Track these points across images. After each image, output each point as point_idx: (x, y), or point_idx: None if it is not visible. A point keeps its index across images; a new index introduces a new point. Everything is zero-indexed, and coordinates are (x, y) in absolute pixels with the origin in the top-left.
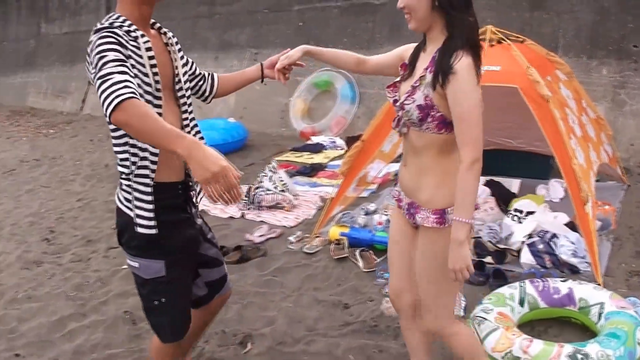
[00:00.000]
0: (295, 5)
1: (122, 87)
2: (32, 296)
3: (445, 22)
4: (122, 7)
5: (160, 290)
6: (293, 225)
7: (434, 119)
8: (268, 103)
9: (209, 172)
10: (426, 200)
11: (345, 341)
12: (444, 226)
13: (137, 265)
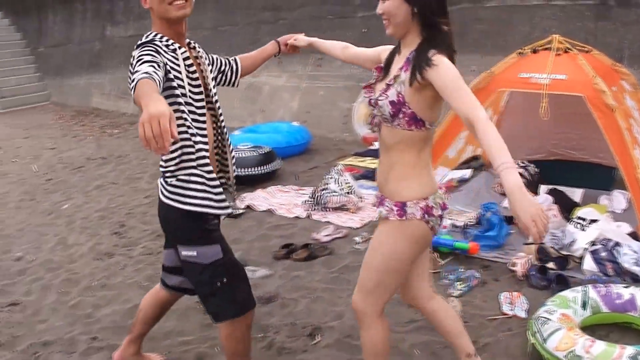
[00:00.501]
0: (359, 12)
1: (140, 74)
2: (106, 285)
3: (422, 28)
4: (157, 26)
5: (220, 272)
6: (358, 226)
7: (405, 115)
8: (331, 108)
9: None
10: (390, 193)
11: (411, 337)
12: (403, 219)
13: (195, 253)
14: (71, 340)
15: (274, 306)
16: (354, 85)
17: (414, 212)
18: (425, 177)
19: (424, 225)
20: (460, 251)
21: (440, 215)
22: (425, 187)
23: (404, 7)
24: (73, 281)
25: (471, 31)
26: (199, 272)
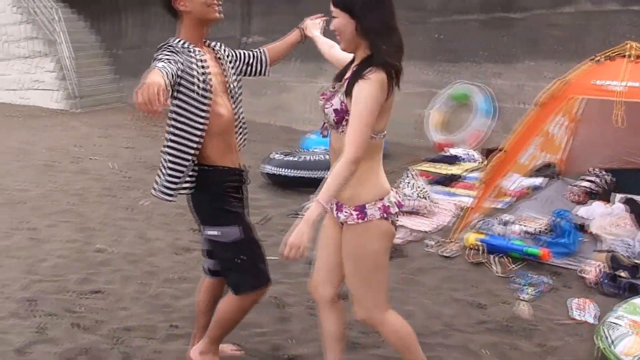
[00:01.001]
0: (433, 17)
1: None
2: (185, 277)
3: (368, 45)
4: (182, 31)
5: (241, 250)
6: (431, 230)
7: (348, 122)
8: (404, 114)
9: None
10: (347, 198)
11: (480, 337)
12: (364, 220)
13: (218, 232)
14: (151, 327)
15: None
16: (428, 92)
17: (374, 212)
18: (378, 181)
19: (385, 222)
20: (531, 257)
21: (397, 212)
22: (380, 189)
23: (350, 25)
24: (153, 273)
25: (546, 37)
26: (223, 249)
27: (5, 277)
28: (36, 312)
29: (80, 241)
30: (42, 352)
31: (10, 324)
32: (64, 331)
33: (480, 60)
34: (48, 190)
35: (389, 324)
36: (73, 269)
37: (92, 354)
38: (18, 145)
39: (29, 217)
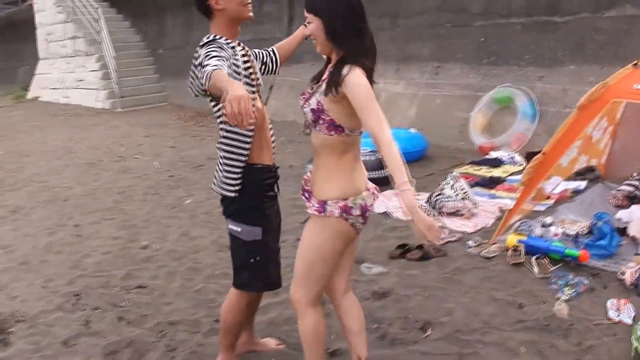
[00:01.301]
0: (477, 20)
1: (212, 66)
2: (228, 274)
3: (334, 46)
4: (216, 29)
5: (256, 251)
6: (472, 231)
7: (324, 121)
8: (448, 117)
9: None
10: (315, 192)
11: (518, 336)
12: (322, 214)
13: (240, 229)
14: (195, 321)
15: (388, 301)
16: (471, 95)
17: (333, 210)
18: (346, 180)
19: (343, 222)
20: (570, 258)
21: (361, 214)
22: (346, 189)
23: (321, 32)
24: (197, 270)
25: (589, 41)
26: (239, 246)
27: (51, 272)
28: (82, 306)
29: (124, 238)
30: (87, 344)
31: (56, 317)
32: (109, 324)
33: (523, 63)
34: (92, 188)
35: (306, 318)
36: (117, 264)
37: (136, 346)
38: (61, 144)
39: (72, 215)
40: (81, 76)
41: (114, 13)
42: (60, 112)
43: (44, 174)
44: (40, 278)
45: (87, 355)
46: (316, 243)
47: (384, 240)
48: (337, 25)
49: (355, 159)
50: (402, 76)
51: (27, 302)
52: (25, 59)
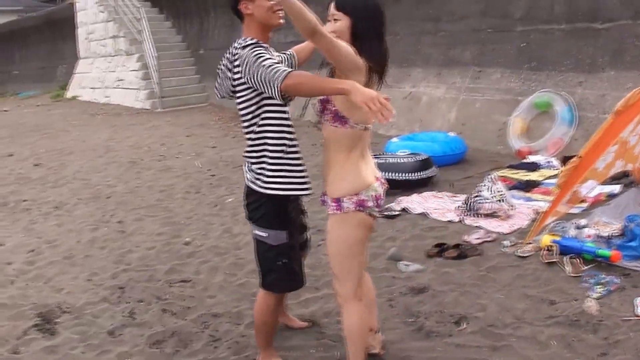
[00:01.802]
0: (519, 26)
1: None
2: None
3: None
4: (249, 33)
5: (283, 253)
6: (507, 232)
7: (330, 112)
8: (487, 120)
9: (367, 95)
10: (329, 191)
11: (549, 330)
12: (341, 212)
13: (266, 234)
14: (238, 313)
15: (425, 296)
16: (512, 99)
17: (349, 206)
18: (355, 176)
19: (360, 214)
20: (602, 259)
21: (375, 204)
22: (356, 184)
23: (347, 27)
24: (239, 265)
25: (630, 48)
26: (266, 250)
27: (96, 265)
28: (126, 299)
29: (167, 234)
30: (132, 334)
31: (102, 309)
32: (153, 316)
33: (563, 69)
34: (134, 186)
35: (349, 312)
36: (161, 259)
37: (180, 336)
38: (102, 143)
39: (115, 211)
40: (121, 76)
41: (156, 13)
42: (100, 112)
43: (86, 171)
44: (85, 272)
45: (133, 345)
46: (341, 238)
47: (421, 240)
48: (363, 26)
49: (361, 154)
50: (443, 80)
51: (73, 294)
52: (64, 57)
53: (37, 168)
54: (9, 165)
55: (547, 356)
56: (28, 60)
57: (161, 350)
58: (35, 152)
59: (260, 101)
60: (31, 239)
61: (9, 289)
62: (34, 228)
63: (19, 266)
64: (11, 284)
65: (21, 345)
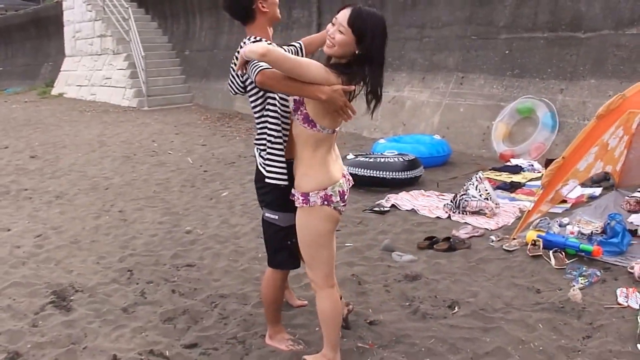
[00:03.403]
0: (503, 33)
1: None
2: None
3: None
4: (255, 31)
5: (292, 234)
6: (494, 228)
7: (301, 113)
8: (471, 125)
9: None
10: (297, 185)
11: (536, 315)
12: (308, 205)
13: (277, 217)
14: (244, 295)
15: (418, 283)
16: (495, 105)
17: (316, 200)
18: (322, 172)
19: (326, 208)
20: (584, 253)
21: (340, 199)
22: (323, 180)
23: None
24: (240, 252)
25: (610, 57)
26: (277, 231)
27: (103, 250)
28: (136, 280)
29: (168, 223)
30: (145, 311)
31: (113, 289)
32: (163, 295)
33: (546, 76)
34: (130, 179)
35: (321, 298)
36: (165, 246)
37: (191, 314)
38: (94, 138)
39: (115, 202)
40: (108, 74)
41: (143, 13)
42: (88, 109)
43: (81, 164)
44: (93, 255)
45: (147, 321)
46: (309, 230)
47: (412, 234)
48: (371, 52)
49: (328, 152)
50: (427, 85)
51: (84, 275)
52: (49, 55)
53: (34, 160)
54: (5, 157)
55: (535, 337)
56: (13, 57)
57: (174, 326)
58: (30, 145)
59: (264, 94)
60: (37, 225)
61: (21, 269)
62: (38, 215)
63: (29, 249)
64: (23, 265)
65: (39, 319)
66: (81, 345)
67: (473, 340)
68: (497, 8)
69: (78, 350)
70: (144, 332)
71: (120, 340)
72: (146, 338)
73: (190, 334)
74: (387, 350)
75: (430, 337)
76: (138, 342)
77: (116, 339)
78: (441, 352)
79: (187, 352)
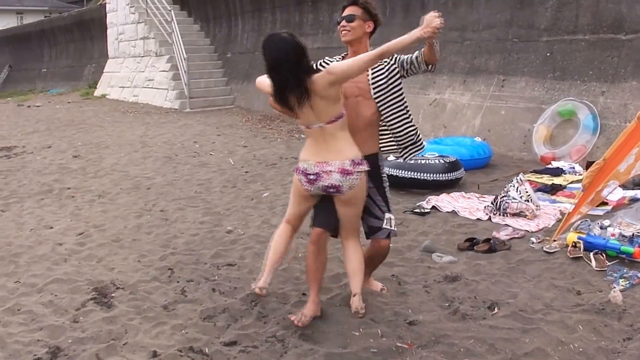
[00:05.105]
0: (544, 36)
1: None
2: None
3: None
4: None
5: None
6: (534, 230)
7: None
8: (512, 128)
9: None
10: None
11: (576, 316)
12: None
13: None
14: (284, 294)
15: (458, 284)
16: (536, 107)
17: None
18: (302, 153)
19: (295, 176)
20: (625, 255)
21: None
22: (300, 157)
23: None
24: None
25: None
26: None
27: (144, 249)
28: (176, 278)
29: (209, 223)
30: (185, 309)
31: (154, 286)
32: (203, 294)
33: (587, 78)
34: (172, 179)
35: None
36: (206, 245)
37: (231, 312)
38: (136, 138)
39: (156, 201)
40: (151, 76)
41: (185, 16)
42: (130, 110)
43: (124, 164)
44: (134, 254)
45: (187, 318)
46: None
47: (452, 235)
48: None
49: (310, 142)
50: (468, 88)
51: (125, 273)
52: (92, 57)
53: (77, 159)
54: (48, 156)
55: (574, 339)
56: (57, 58)
57: (214, 324)
58: (73, 145)
59: None
60: (79, 223)
61: (63, 266)
62: (80, 213)
63: (71, 246)
64: (65, 262)
65: (80, 315)
66: (121, 341)
67: (512, 341)
68: (538, 10)
69: (118, 346)
70: (184, 330)
71: (160, 337)
72: (186, 335)
73: (230, 332)
74: (426, 350)
75: (470, 337)
76: (178, 339)
77: (156, 335)
78: (480, 352)
79: (227, 350)
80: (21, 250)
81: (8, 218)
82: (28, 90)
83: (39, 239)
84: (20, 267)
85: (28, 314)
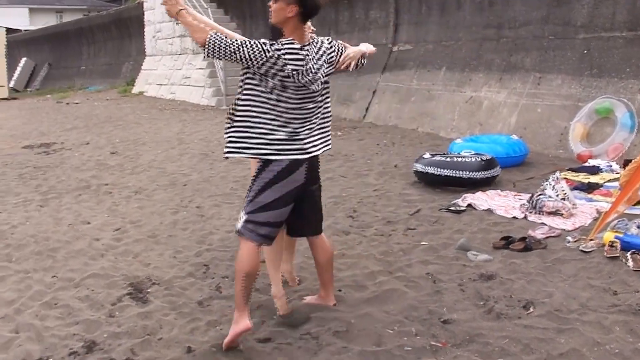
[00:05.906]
0: (581, 33)
1: None
2: (345, 254)
3: None
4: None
5: None
6: (571, 229)
7: None
8: (548, 125)
9: None
10: None
11: (612, 317)
12: None
13: None
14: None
15: (493, 283)
16: (573, 105)
17: None
18: None
19: None
20: None
21: None
22: None
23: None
24: None
25: None
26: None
27: (180, 245)
28: (211, 275)
29: None
30: (220, 305)
31: (189, 282)
32: None
33: (624, 76)
34: (208, 176)
35: None
36: None
37: (266, 309)
38: (173, 135)
39: (193, 198)
40: (188, 73)
41: (222, 14)
42: (167, 107)
43: (160, 161)
44: (170, 250)
45: (221, 315)
46: None
47: (487, 233)
48: None
49: None
50: (505, 85)
51: (160, 268)
52: (130, 54)
53: (114, 156)
54: (86, 153)
55: (611, 339)
56: (95, 56)
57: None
58: (111, 142)
59: None
60: (116, 219)
61: (100, 261)
62: (117, 209)
63: (107, 242)
64: (101, 257)
65: (116, 310)
66: (156, 336)
67: (547, 341)
68: (575, 8)
69: (153, 341)
70: (218, 326)
71: (195, 332)
72: (220, 331)
73: (265, 329)
74: (460, 349)
75: (504, 337)
76: (212, 335)
77: (191, 331)
78: (515, 352)
79: (261, 346)
80: (59, 245)
81: (46, 213)
82: (67, 87)
83: (76, 235)
84: (57, 262)
85: (65, 308)
